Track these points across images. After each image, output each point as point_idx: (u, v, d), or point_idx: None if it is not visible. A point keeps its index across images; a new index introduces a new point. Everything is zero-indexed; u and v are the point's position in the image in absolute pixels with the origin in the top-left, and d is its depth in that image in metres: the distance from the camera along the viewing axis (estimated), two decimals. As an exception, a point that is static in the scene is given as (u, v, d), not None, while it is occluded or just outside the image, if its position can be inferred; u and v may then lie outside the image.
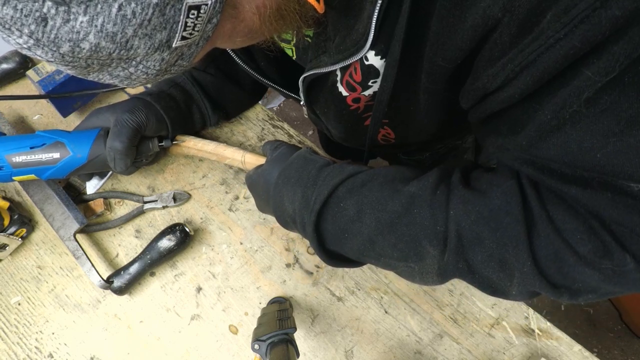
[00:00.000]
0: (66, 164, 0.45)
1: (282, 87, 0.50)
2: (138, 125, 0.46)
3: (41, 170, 0.45)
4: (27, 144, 0.44)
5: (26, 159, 0.43)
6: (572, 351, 0.46)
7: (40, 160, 0.44)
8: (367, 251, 0.36)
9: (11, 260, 0.51)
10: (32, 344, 0.46)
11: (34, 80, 0.54)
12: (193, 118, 0.55)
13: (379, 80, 0.36)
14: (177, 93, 0.53)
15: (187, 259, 0.51)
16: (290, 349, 0.36)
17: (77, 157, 0.45)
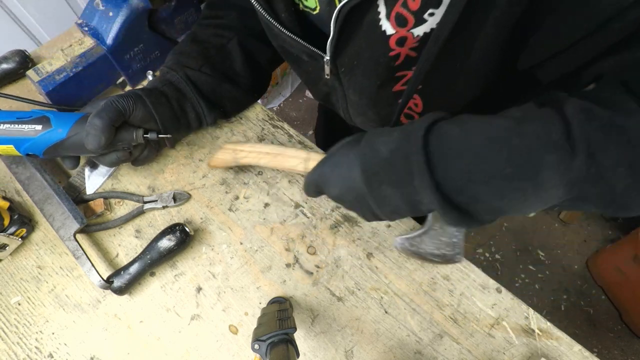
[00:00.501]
0: (45, 137, 0.45)
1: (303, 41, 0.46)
2: (123, 107, 0.46)
3: (20, 142, 0.45)
4: (16, 115, 0.45)
5: (8, 128, 0.44)
6: (572, 351, 0.46)
7: (22, 131, 0.44)
8: (475, 173, 0.30)
9: (11, 260, 0.51)
10: (32, 344, 0.46)
11: (34, 80, 0.54)
12: (187, 117, 0.54)
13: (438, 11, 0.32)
14: (169, 91, 0.52)
15: (187, 259, 0.51)
16: (290, 349, 0.36)
17: (57, 132, 0.45)
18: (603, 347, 1.41)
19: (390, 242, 0.52)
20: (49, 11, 1.26)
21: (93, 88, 0.61)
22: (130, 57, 0.60)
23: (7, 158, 0.53)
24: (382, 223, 0.54)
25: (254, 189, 0.56)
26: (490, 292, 0.49)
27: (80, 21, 0.57)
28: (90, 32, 0.56)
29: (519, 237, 1.63)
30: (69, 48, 0.56)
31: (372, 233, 0.53)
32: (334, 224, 0.54)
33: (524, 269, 1.56)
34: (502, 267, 1.56)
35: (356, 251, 0.52)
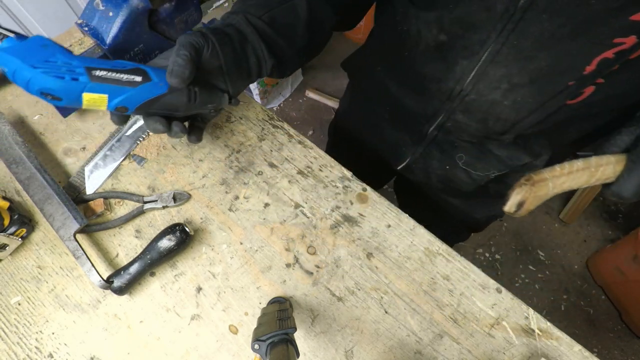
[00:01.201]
0: (145, 89, 0.40)
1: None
2: (196, 43, 0.43)
3: (116, 92, 0.39)
4: (111, 63, 0.40)
5: (107, 75, 0.38)
6: (572, 351, 0.46)
7: (121, 80, 0.39)
8: None
9: (11, 260, 0.51)
10: (32, 344, 0.46)
11: (34, 80, 0.54)
12: (249, 61, 0.49)
13: None
14: (231, 31, 0.47)
15: (187, 259, 0.51)
16: (290, 349, 0.36)
17: (158, 86, 0.41)
18: (603, 347, 1.41)
19: (391, 242, 0.52)
20: (49, 11, 1.26)
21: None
22: (130, 57, 0.60)
23: (7, 158, 0.53)
24: (382, 223, 0.54)
25: (254, 189, 0.56)
26: (490, 292, 0.49)
27: (80, 21, 0.57)
28: (90, 32, 0.56)
29: (519, 237, 1.63)
30: (68, 48, 0.56)
31: (372, 233, 0.53)
32: (334, 224, 0.54)
33: (524, 269, 1.56)
34: (502, 267, 1.56)
35: (356, 251, 0.52)
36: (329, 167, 0.58)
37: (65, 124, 0.62)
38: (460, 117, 0.51)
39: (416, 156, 0.64)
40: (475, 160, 0.58)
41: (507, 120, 0.48)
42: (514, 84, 0.43)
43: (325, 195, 0.56)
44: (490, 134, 0.51)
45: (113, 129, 0.61)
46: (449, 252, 0.52)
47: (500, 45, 0.40)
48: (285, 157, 0.59)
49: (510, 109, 0.46)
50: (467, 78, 0.46)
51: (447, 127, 0.55)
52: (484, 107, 0.48)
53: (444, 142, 0.59)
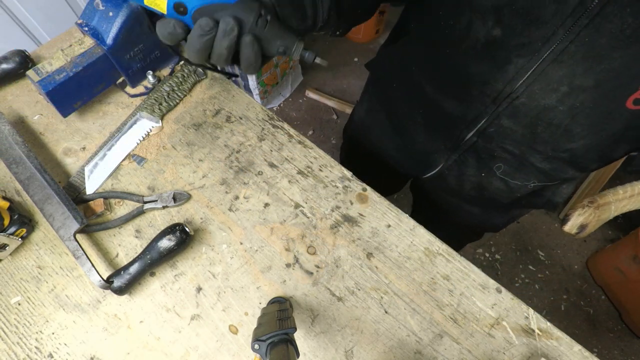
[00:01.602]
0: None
1: None
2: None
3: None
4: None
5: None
6: (572, 351, 0.46)
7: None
8: None
9: (11, 260, 0.51)
10: (32, 344, 0.46)
11: (34, 80, 0.54)
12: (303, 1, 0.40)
13: None
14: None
15: (187, 259, 0.51)
16: (290, 349, 0.36)
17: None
18: (603, 347, 1.41)
19: (391, 242, 0.52)
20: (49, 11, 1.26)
21: (93, 88, 0.61)
22: (130, 57, 0.60)
23: (7, 158, 0.53)
24: (382, 223, 0.54)
25: (254, 189, 0.56)
26: (490, 292, 0.49)
27: (80, 21, 0.57)
28: (90, 32, 0.56)
29: (519, 237, 1.62)
30: (69, 48, 0.57)
31: (372, 233, 0.53)
32: (334, 224, 0.54)
33: (524, 269, 1.56)
34: (502, 267, 1.56)
35: (356, 251, 0.52)
36: (329, 167, 0.58)
37: (65, 124, 0.62)
38: (506, 122, 0.47)
39: (449, 163, 0.60)
40: (515, 171, 0.54)
41: (559, 126, 0.43)
42: (575, 86, 0.39)
43: (325, 195, 0.56)
44: (537, 142, 0.47)
45: (113, 129, 0.61)
46: (449, 252, 0.52)
47: (567, 42, 0.36)
48: (285, 157, 0.59)
49: (564, 115, 0.42)
50: (520, 79, 0.41)
51: (488, 132, 0.50)
52: (535, 112, 0.43)
53: (482, 150, 0.54)
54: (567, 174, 0.51)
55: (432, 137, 0.60)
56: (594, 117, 0.41)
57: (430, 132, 0.60)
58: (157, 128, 0.61)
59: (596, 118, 0.41)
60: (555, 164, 0.50)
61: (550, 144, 0.46)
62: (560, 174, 0.52)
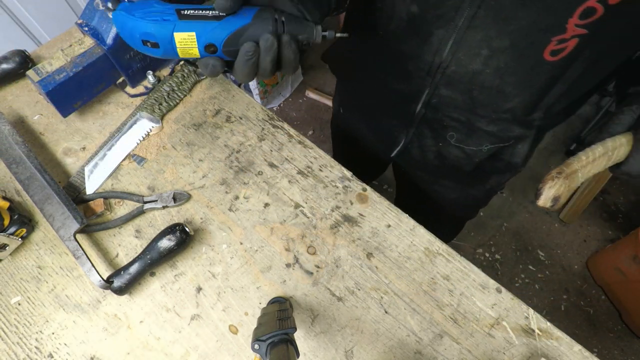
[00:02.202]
0: (230, 21, 0.40)
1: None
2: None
3: (202, 28, 0.40)
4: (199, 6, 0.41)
5: (194, 13, 0.41)
6: (572, 351, 0.46)
7: (206, 16, 0.41)
8: None
9: (11, 260, 0.51)
10: (32, 344, 0.46)
11: (34, 80, 0.54)
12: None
13: None
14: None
15: (187, 259, 0.51)
16: (290, 349, 0.36)
17: (242, 16, 0.41)
18: (603, 347, 1.41)
19: (391, 242, 0.52)
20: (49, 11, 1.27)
21: (93, 88, 0.61)
22: (130, 57, 0.60)
23: (7, 158, 0.53)
24: (382, 223, 0.54)
25: (254, 189, 0.56)
26: (490, 292, 0.49)
27: (80, 21, 0.57)
28: (90, 32, 0.56)
29: (519, 237, 1.63)
30: (69, 48, 0.57)
31: (372, 233, 0.53)
32: (334, 224, 0.54)
33: (524, 269, 1.56)
34: (502, 267, 1.56)
35: (356, 251, 0.52)
36: (329, 167, 0.58)
37: (65, 124, 0.62)
38: (444, 91, 0.51)
39: (409, 137, 0.64)
40: (466, 137, 0.58)
41: (491, 88, 0.47)
42: (494, 48, 0.42)
43: (325, 195, 0.56)
44: (477, 106, 0.51)
45: (113, 129, 0.61)
46: (449, 252, 0.52)
47: (476, 8, 0.40)
48: (285, 157, 0.59)
49: (493, 77, 0.45)
50: (445, 49, 0.45)
51: (433, 104, 0.54)
52: (467, 78, 0.47)
53: (433, 121, 0.58)
54: (514, 132, 0.54)
55: (391, 115, 0.64)
56: (520, 75, 0.44)
57: (387, 111, 0.64)
58: (157, 128, 0.61)
59: (522, 75, 0.44)
60: (501, 125, 0.53)
61: (489, 106, 0.50)
62: (509, 134, 0.55)
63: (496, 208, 1.69)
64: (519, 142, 0.57)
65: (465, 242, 1.61)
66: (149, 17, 0.39)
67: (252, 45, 0.38)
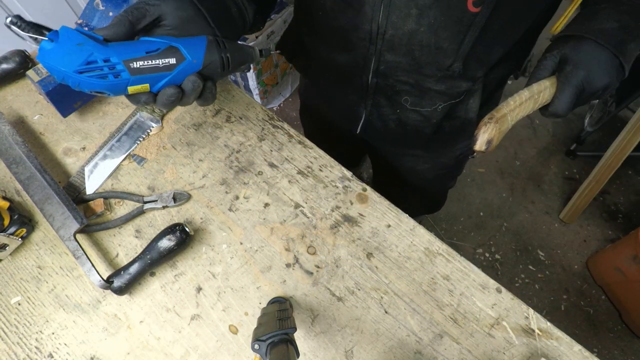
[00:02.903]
0: (182, 70, 0.41)
1: None
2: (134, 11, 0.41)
3: (156, 79, 0.40)
4: (142, 48, 0.40)
5: (144, 65, 0.39)
6: (572, 351, 0.46)
7: (158, 67, 0.40)
8: None
9: (11, 260, 0.51)
10: (32, 344, 0.46)
11: (34, 80, 0.54)
12: (231, 12, 0.48)
13: None
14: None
15: (187, 259, 0.51)
16: (290, 349, 0.36)
17: (192, 64, 0.41)
18: (603, 347, 1.41)
19: (391, 242, 0.52)
20: (49, 11, 1.27)
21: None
22: (130, 57, 0.60)
23: (7, 158, 0.53)
24: (382, 223, 0.54)
25: (254, 189, 0.56)
26: (490, 292, 0.49)
27: (80, 21, 0.57)
28: (90, 32, 0.56)
29: (519, 237, 1.63)
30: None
31: (372, 233, 0.53)
32: (334, 224, 0.54)
33: (524, 269, 1.56)
34: (502, 267, 1.56)
35: (356, 251, 0.52)
36: (329, 167, 0.58)
37: (65, 124, 0.62)
38: (389, 56, 0.53)
39: (368, 109, 0.66)
40: (419, 100, 0.60)
41: (429, 45, 0.49)
42: (421, 5, 0.45)
43: (325, 195, 0.56)
44: (422, 66, 0.53)
45: (113, 129, 0.61)
46: (449, 252, 0.52)
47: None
48: (285, 157, 0.59)
49: (428, 34, 0.48)
50: (378, 15, 0.48)
51: (382, 71, 0.56)
52: (405, 39, 0.50)
53: (386, 88, 0.60)
54: (462, 87, 0.57)
55: (346, 91, 0.66)
56: (450, 28, 0.47)
57: (342, 87, 0.66)
58: (157, 128, 0.61)
59: (452, 29, 0.47)
60: (448, 83, 0.56)
61: (433, 64, 0.52)
62: (457, 89, 0.57)
63: (496, 208, 1.69)
64: (469, 96, 0.60)
65: (465, 242, 1.61)
66: (97, 74, 0.37)
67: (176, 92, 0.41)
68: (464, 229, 1.64)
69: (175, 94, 0.41)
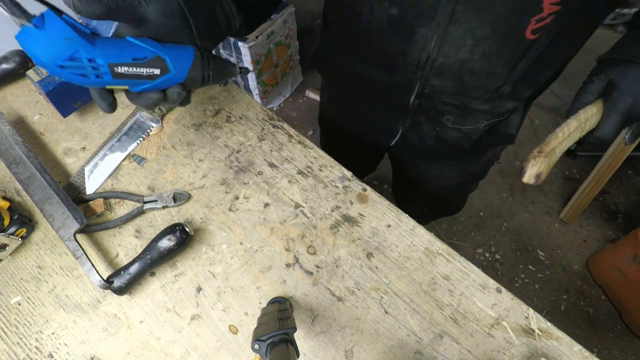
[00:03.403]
0: (164, 81, 0.41)
1: None
2: None
3: (136, 84, 0.41)
4: (129, 54, 0.40)
5: (128, 71, 0.39)
6: (572, 351, 0.46)
7: (141, 75, 0.40)
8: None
9: (11, 260, 0.51)
10: (32, 344, 0.46)
11: (34, 80, 0.54)
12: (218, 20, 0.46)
13: None
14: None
15: (187, 259, 0.51)
16: (290, 349, 0.36)
17: (175, 77, 0.42)
18: (603, 347, 1.41)
19: (391, 242, 0.52)
20: (49, 11, 1.26)
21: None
22: (130, 57, 0.60)
23: (7, 158, 0.53)
24: (382, 223, 0.54)
25: (254, 189, 0.56)
26: (490, 292, 0.49)
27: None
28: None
29: (519, 237, 1.63)
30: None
31: (372, 233, 0.53)
32: (334, 224, 0.54)
33: (524, 269, 1.56)
34: (502, 267, 1.56)
35: (356, 251, 0.52)
36: (329, 167, 0.58)
37: (65, 124, 0.62)
38: (435, 81, 0.52)
39: (406, 127, 0.65)
40: (462, 119, 0.59)
41: (480, 72, 0.49)
42: (478, 37, 0.44)
43: (325, 195, 0.56)
44: (469, 90, 0.52)
45: (113, 129, 0.61)
46: (449, 252, 0.52)
47: (454, 3, 0.42)
48: (285, 157, 0.59)
49: (480, 62, 0.47)
50: (430, 44, 0.47)
51: (426, 94, 0.55)
52: (456, 67, 0.49)
53: (428, 109, 0.59)
54: (507, 106, 0.56)
55: (384, 109, 0.65)
56: (505, 55, 0.47)
57: (380, 105, 0.65)
58: (157, 128, 0.61)
59: (507, 56, 0.47)
60: (493, 103, 0.55)
61: (481, 88, 0.52)
62: (502, 109, 0.57)
63: (496, 208, 1.69)
64: (512, 113, 0.59)
65: (465, 242, 1.61)
66: (79, 72, 0.36)
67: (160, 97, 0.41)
68: (464, 229, 1.64)
69: (159, 99, 0.41)
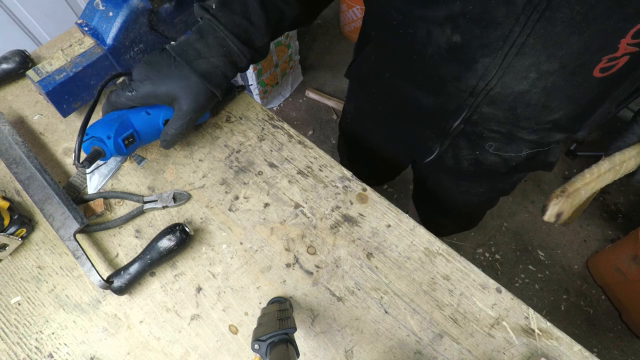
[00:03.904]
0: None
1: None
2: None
3: None
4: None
5: None
6: (572, 351, 0.46)
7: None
8: None
9: (11, 260, 0.51)
10: (32, 344, 0.46)
11: (34, 80, 0.54)
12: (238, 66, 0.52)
13: None
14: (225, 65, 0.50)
15: (187, 259, 0.51)
16: (290, 349, 0.36)
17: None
18: (603, 347, 1.41)
19: (391, 242, 0.52)
20: (49, 11, 1.27)
21: (93, 88, 0.61)
22: (130, 57, 0.60)
23: (7, 158, 0.53)
24: (382, 223, 0.54)
25: (254, 189, 0.56)
26: (490, 292, 0.49)
27: (80, 21, 0.57)
28: (90, 32, 0.56)
29: (519, 237, 1.63)
30: (69, 48, 0.57)
31: (372, 233, 0.53)
32: (334, 224, 0.54)
33: (524, 269, 1.56)
34: (502, 267, 1.56)
35: (356, 251, 0.52)
36: (329, 167, 0.58)
37: (65, 124, 0.62)
38: (486, 109, 0.50)
39: (444, 148, 0.63)
40: (505, 146, 0.57)
41: (536, 105, 0.46)
42: (543, 71, 0.42)
43: (325, 195, 0.56)
44: (520, 120, 0.50)
45: (113, 129, 0.61)
46: (449, 252, 0.52)
47: (525, 37, 0.39)
48: (285, 157, 0.59)
49: (539, 95, 0.45)
50: (490, 74, 0.44)
51: (473, 120, 0.53)
52: (511, 98, 0.46)
53: (471, 134, 0.57)
54: (555, 138, 0.55)
55: (422, 127, 0.63)
56: (567, 92, 0.44)
57: (418, 124, 0.63)
58: (157, 128, 0.61)
59: (569, 92, 0.44)
60: (542, 134, 0.53)
61: (532, 119, 0.50)
62: (549, 140, 0.55)
63: (496, 208, 1.69)
64: (557, 144, 0.58)
65: (465, 242, 1.61)
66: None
67: None
68: (464, 229, 1.64)
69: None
